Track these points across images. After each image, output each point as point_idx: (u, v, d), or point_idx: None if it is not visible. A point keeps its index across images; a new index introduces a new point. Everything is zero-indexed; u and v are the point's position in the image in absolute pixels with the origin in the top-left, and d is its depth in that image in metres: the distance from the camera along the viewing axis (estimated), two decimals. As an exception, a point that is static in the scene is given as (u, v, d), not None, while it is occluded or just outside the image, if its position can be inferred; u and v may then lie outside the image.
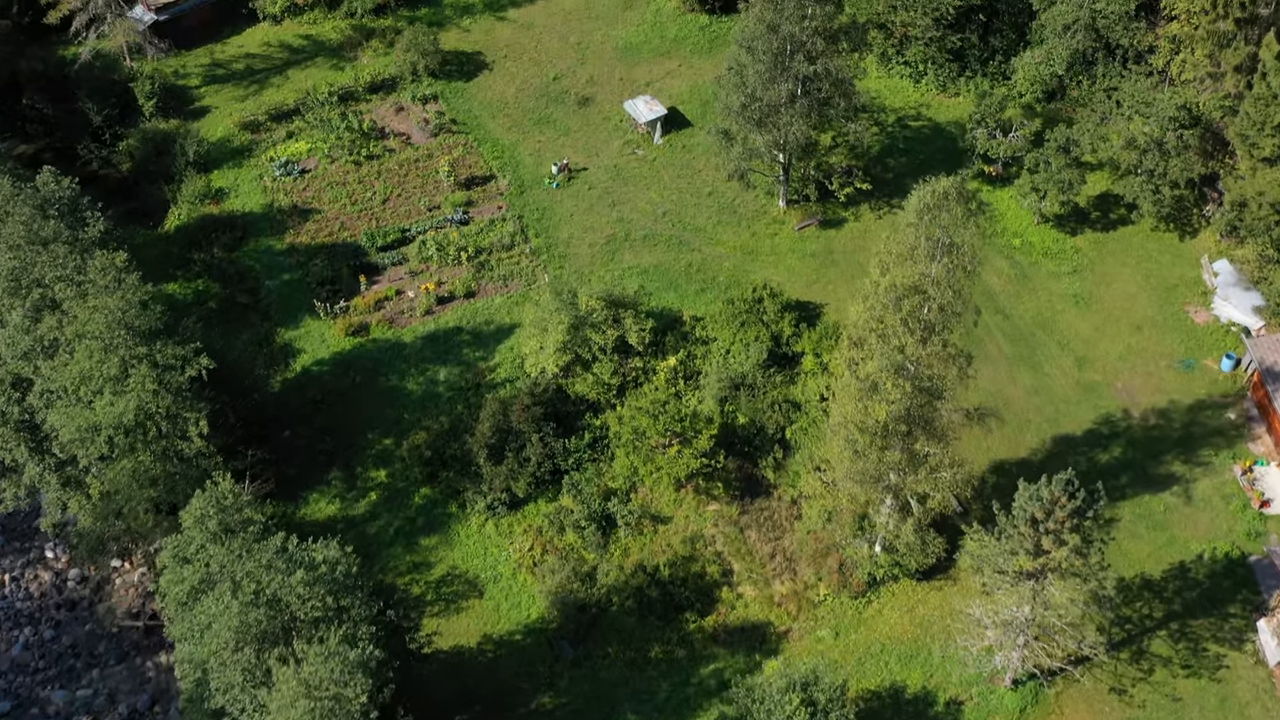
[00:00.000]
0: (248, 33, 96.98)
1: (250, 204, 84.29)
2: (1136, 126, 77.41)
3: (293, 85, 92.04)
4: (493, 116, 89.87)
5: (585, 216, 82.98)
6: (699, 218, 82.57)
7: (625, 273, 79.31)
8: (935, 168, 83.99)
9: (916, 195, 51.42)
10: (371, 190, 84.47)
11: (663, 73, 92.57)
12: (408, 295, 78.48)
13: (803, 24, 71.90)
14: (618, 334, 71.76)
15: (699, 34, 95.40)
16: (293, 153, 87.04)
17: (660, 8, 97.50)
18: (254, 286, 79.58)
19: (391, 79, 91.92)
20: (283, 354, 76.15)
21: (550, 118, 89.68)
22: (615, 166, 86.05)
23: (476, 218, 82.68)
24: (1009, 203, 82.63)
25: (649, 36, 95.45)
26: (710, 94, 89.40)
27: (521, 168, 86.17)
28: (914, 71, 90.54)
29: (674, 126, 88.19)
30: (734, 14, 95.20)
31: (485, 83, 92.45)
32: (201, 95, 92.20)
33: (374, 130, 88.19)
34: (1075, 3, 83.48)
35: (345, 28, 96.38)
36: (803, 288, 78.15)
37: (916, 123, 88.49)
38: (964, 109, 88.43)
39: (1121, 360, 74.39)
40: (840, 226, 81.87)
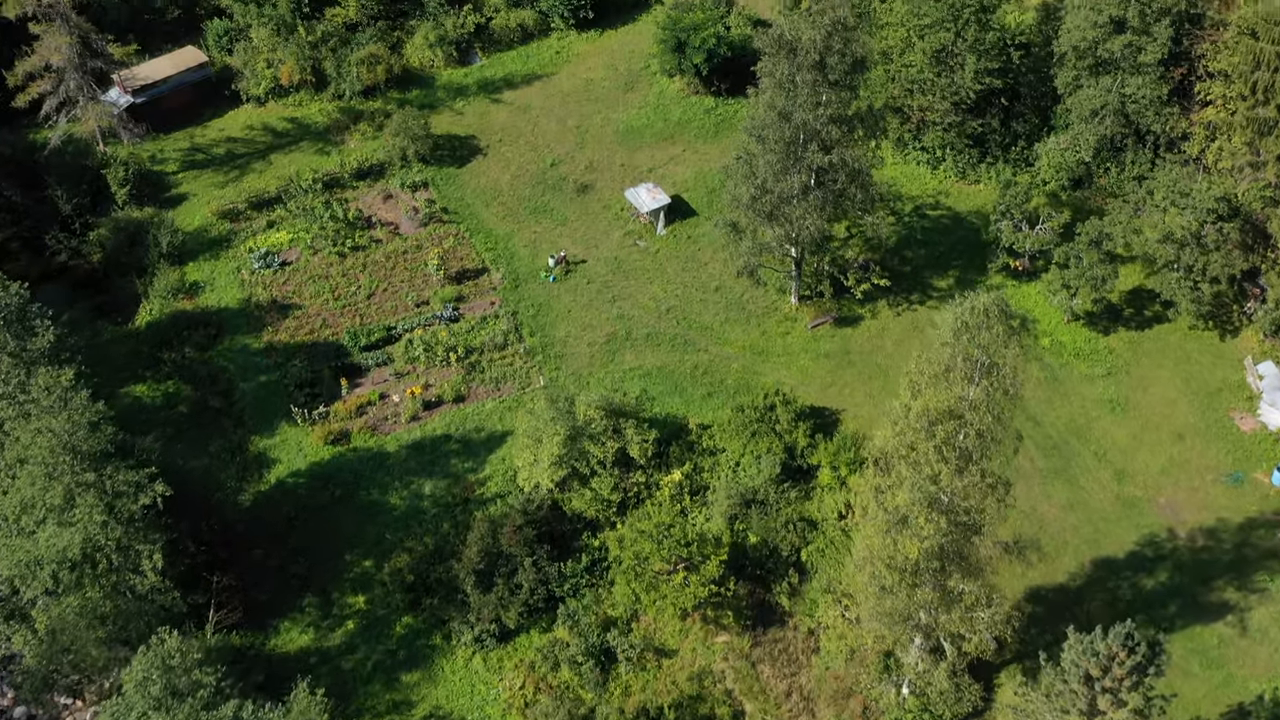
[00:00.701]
0: (230, 115, 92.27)
1: (226, 299, 78.97)
2: (1173, 219, 72.29)
3: (275, 171, 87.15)
4: (486, 205, 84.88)
5: (584, 313, 77.64)
6: (705, 315, 77.24)
7: (626, 375, 73.83)
8: (956, 260, 79.19)
9: (953, 313, 45.99)
10: (356, 284, 79.21)
11: (666, 158, 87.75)
12: (392, 400, 72.92)
13: (817, 111, 67.03)
14: (618, 446, 66.12)
15: (704, 117, 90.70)
16: (273, 243, 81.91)
17: (663, 90, 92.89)
18: (227, 389, 74.07)
19: (380, 165, 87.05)
20: (256, 464, 70.42)
21: (547, 206, 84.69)
22: (616, 259, 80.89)
23: (467, 314, 77.37)
24: (1036, 299, 77.35)
25: (651, 120, 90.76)
26: (717, 182, 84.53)
27: (516, 260, 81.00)
28: (931, 157, 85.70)
29: (678, 216, 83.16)
30: (741, 97, 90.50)
31: (479, 169, 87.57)
32: (179, 181, 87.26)
33: (360, 219, 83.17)
34: (1103, 87, 78.71)
35: (332, 110, 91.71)
36: (817, 392, 72.60)
37: (935, 212, 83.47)
38: (985, 197, 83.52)
39: (1164, 473, 68.68)
40: (856, 324, 76.51)
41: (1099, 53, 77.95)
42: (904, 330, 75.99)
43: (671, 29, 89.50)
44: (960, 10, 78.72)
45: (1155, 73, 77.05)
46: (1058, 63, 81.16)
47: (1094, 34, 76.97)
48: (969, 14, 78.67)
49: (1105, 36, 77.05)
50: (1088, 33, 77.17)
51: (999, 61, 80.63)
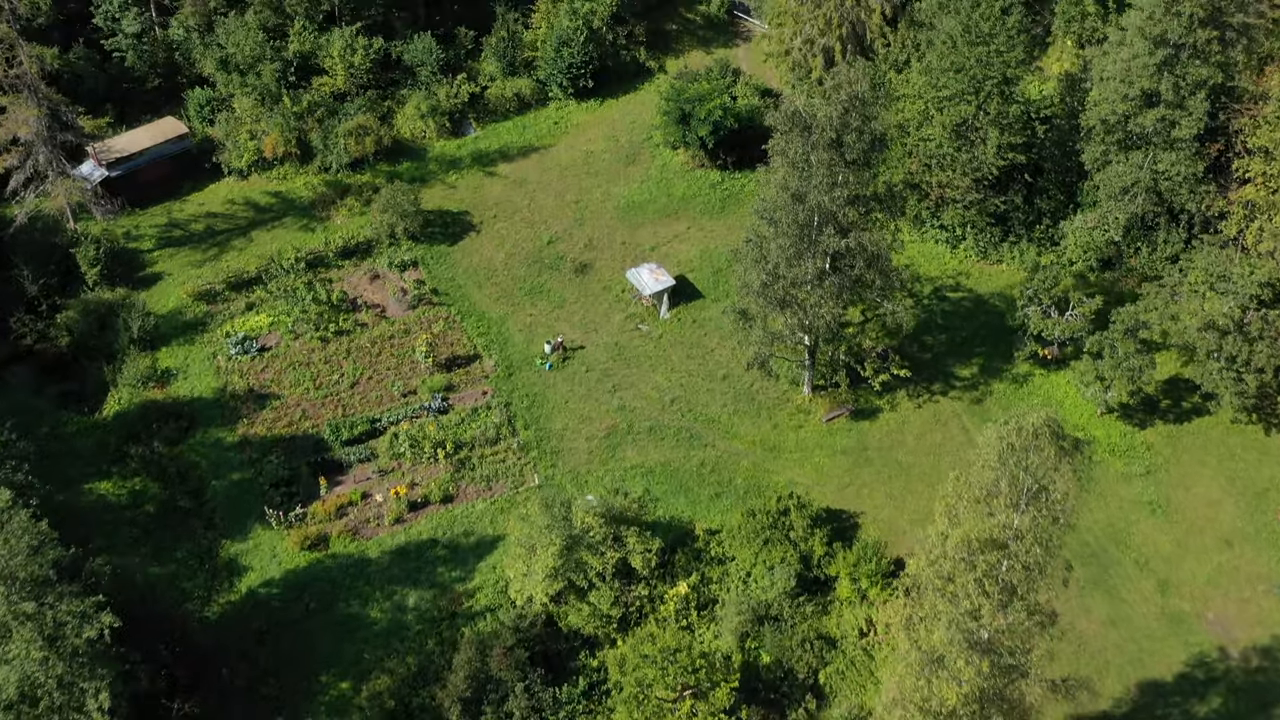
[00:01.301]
0: (211, 189, 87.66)
1: (200, 387, 73.80)
2: (1213, 305, 67.28)
3: (256, 249, 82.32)
4: (479, 286, 79.93)
5: (582, 404, 72.44)
6: (712, 406, 72.02)
7: (628, 473, 68.51)
8: (980, 347, 74.24)
9: (997, 433, 40.75)
10: (339, 372, 74.11)
11: (669, 235, 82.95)
12: (375, 500, 67.54)
13: (833, 193, 62.19)
14: (619, 556, 60.66)
15: (709, 192, 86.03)
16: (252, 327, 76.89)
17: (666, 163, 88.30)
18: (198, 488, 68.77)
19: (367, 242, 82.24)
20: (226, 572, 64.98)
21: (544, 287, 79.76)
22: (616, 344, 75.82)
23: (457, 405, 72.17)
24: (1067, 389, 72.22)
25: (654, 195, 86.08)
26: (723, 261, 79.69)
27: (510, 346, 75.93)
28: (951, 236, 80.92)
29: (682, 298, 78.20)
30: (748, 170, 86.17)
31: (472, 246, 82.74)
32: (154, 260, 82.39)
33: (344, 301, 78.19)
34: (1134, 163, 74.08)
35: (318, 184, 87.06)
36: (834, 492, 67.25)
37: (956, 294, 78.54)
38: (1007, 278, 78.69)
39: (1211, 584, 63.22)
40: (874, 417, 71.29)
41: (1129, 127, 73.47)
42: (925, 424, 70.79)
43: (675, 100, 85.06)
44: (982, 82, 74.21)
45: (1190, 149, 72.45)
46: (1085, 137, 76.61)
47: (1124, 107, 72.51)
48: (991, 86, 74.17)
49: (1136, 110, 72.58)
50: (1117, 106, 72.71)
51: (1023, 136, 76.06)
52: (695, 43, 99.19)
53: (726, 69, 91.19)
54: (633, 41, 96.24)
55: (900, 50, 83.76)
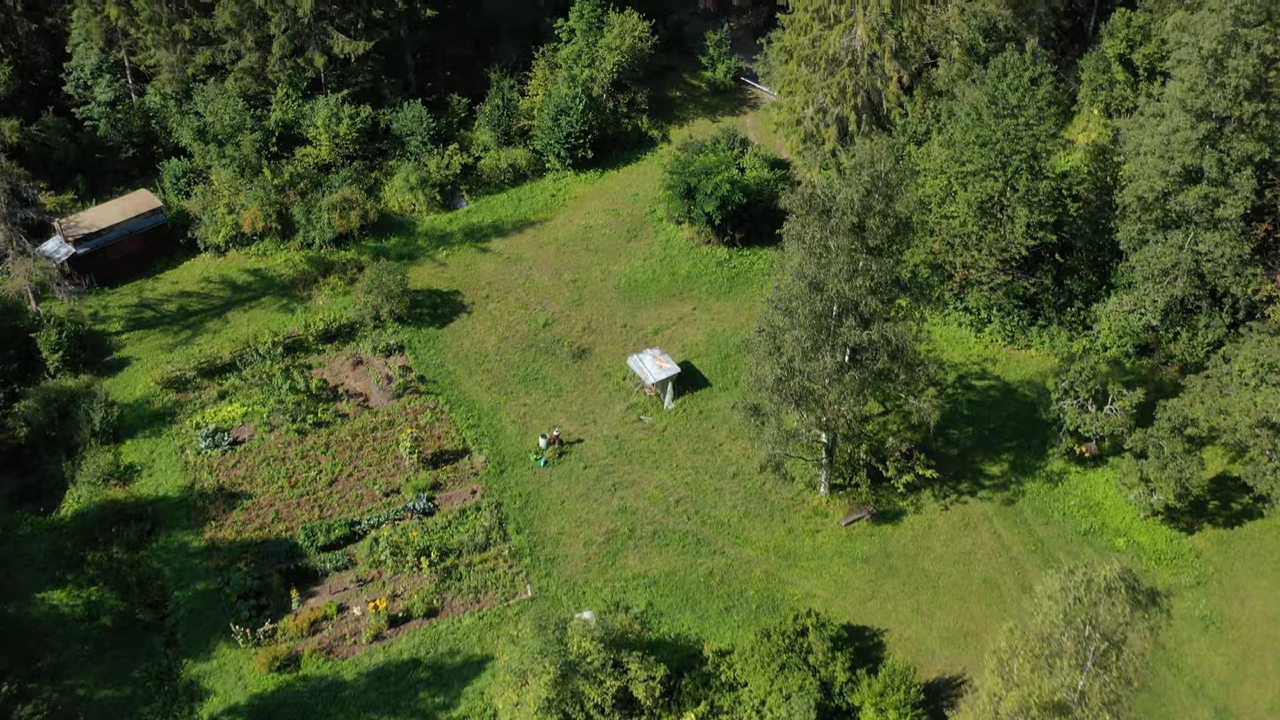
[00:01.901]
0: (185, 266, 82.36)
1: (166, 485, 68.04)
2: (1266, 400, 61.65)
3: (232, 332, 76.86)
4: (469, 373, 74.36)
5: (579, 504, 66.64)
6: (721, 507, 66.22)
7: (629, 584, 62.59)
8: (1009, 441, 68.61)
9: (1062, 583, 34.92)
10: (316, 469, 68.39)
11: (674, 317, 77.51)
12: (352, 613, 61.57)
13: (854, 282, 56.75)
14: (619, 684, 54.58)
15: (716, 270, 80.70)
16: (224, 418, 71.23)
17: (669, 239, 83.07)
18: (159, 599, 62.87)
19: (350, 325, 76.79)
20: (186, 695, 58.94)
21: (539, 374, 74.19)
22: (617, 438, 70.13)
23: (444, 505, 66.39)
24: (1106, 489, 66.47)
25: (657, 273, 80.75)
26: (731, 345, 74.32)
27: (502, 439, 70.23)
28: (976, 319, 75.50)
29: (688, 386, 72.62)
30: (756, 247, 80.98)
31: (462, 329, 77.28)
32: (123, 343, 76.89)
33: (324, 390, 72.61)
34: (1174, 243, 68.81)
35: (299, 261, 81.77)
36: (855, 606, 61.31)
37: (982, 382, 72.97)
38: (1037, 365, 73.23)
39: (1273, 712, 57.15)
40: (897, 521, 65.46)
41: (1169, 205, 68.28)
42: (953, 528, 64.98)
43: (680, 173, 79.94)
44: (1009, 157, 69.07)
45: (1236, 228, 67.27)
46: (1120, 215, 71.42)
47: (1163, 184, 67.43)
48: (1019, 161, 69.02)
49: (1177, 188, 67.47)
50: (1156, 183, 67.61)
51: (1054, 214, 70.80)
52: (700, 110, 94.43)
53: (734, 139, 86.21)
54: (634, 109, 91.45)
55: (919, 121, 78.75)
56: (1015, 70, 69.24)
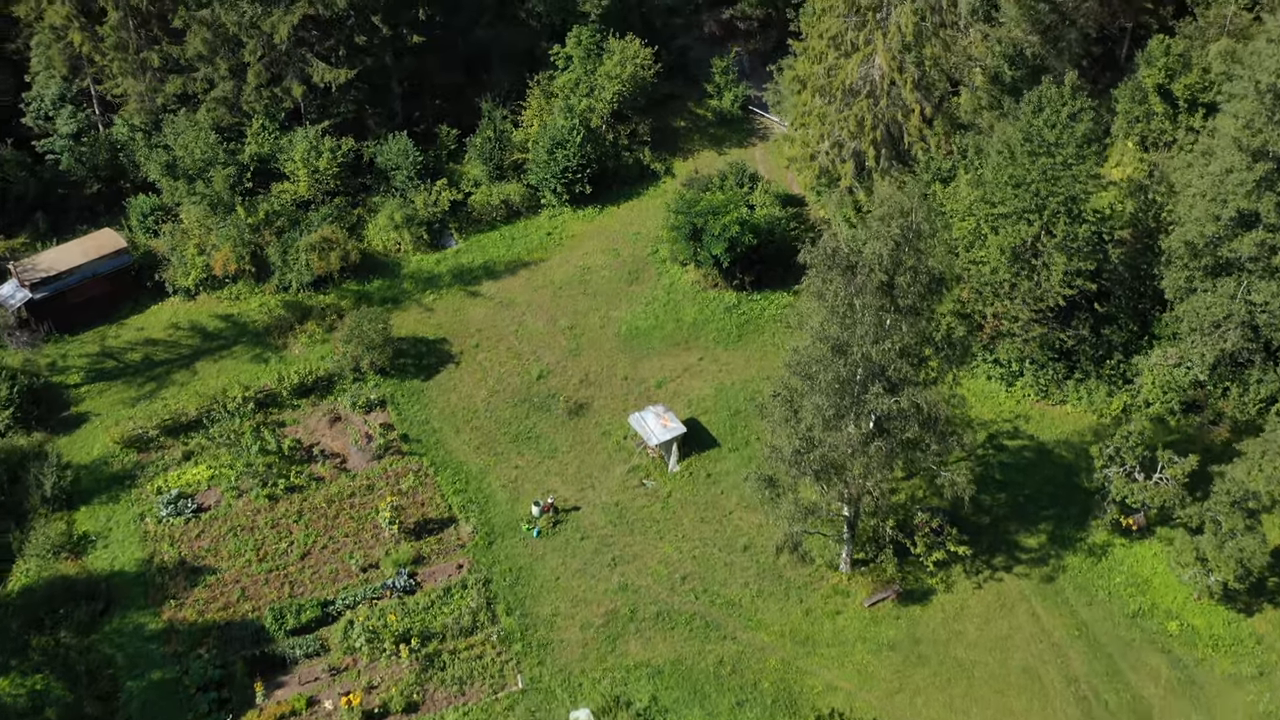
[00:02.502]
0: (153, 311, 76.55)
1: (122, 558, 62.08)
2: (1333, 469, 55.71)
3: (200, 384, 70.98)
4: (456, 431, 68.40)
5: (576, 581, 60.63)
6: (731, 585, 60.21)
7: (631, 674, 56.54)
8: (1046, 509, 62.91)
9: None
10: (288, 540, 62.45)
11: (679, 368, 71.58)
12: (324, 707, 55.58)
13: (882, 344, 50.82)
14: (620, 799, 48.51)
15: (724, 317, 74.80)
16: (189, 482, 65.33)
17: (674, 282, 77.21)
18: (110, 690, 56.88)
19: (328, 377, 70.89)
20: (137, 804, 52.74)
21: (532, 432, 68.24)
22: (617, 504, 64.17)
23: (427, 582, 60.39)
24: (1155, 565, 60.50)
25: (660, 320, 74.85)
26: (741, 400, 68.55)
27: (491, 506, 64.28)
28: (1007, 372, 69.59)
29: (694, 447, 66.70)
30: (768, 291, 75.22)
31: (449, 382, 71.35)
32: (81, 397, 71.00)
33: (298, 450, 66.69)
34: (1225, 292, 62.93)
35: (274, 306, 75.89)
36: (881, 700, 55.28)
37: (1014, 441, 67.04)
38: (1074, 422, 67.37)
39: (1353, 825, 51.02)
40: (926, 601, 59.45)
41: (1220, 251, 62.42)
42: (988, 608, 59.00)
43: (685, 213, 74.08)
44: (1046, 199, 63.22)
45: (1294, 278, 61.44)
46: (1165, 261, 65.59)
47: (1214, 229, 61.59)
48: (1056, 203, 63.15)
49: (1230, 233, 61.61)
50: (1206, 227, 61.78)
51: (1093, 261, 64.90)
52: (706, 142, 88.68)
53: (742, 173, 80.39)
54: (636, 141, 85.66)
55: (944, 157, 72.94)
56: (1052, 105, 63.48)
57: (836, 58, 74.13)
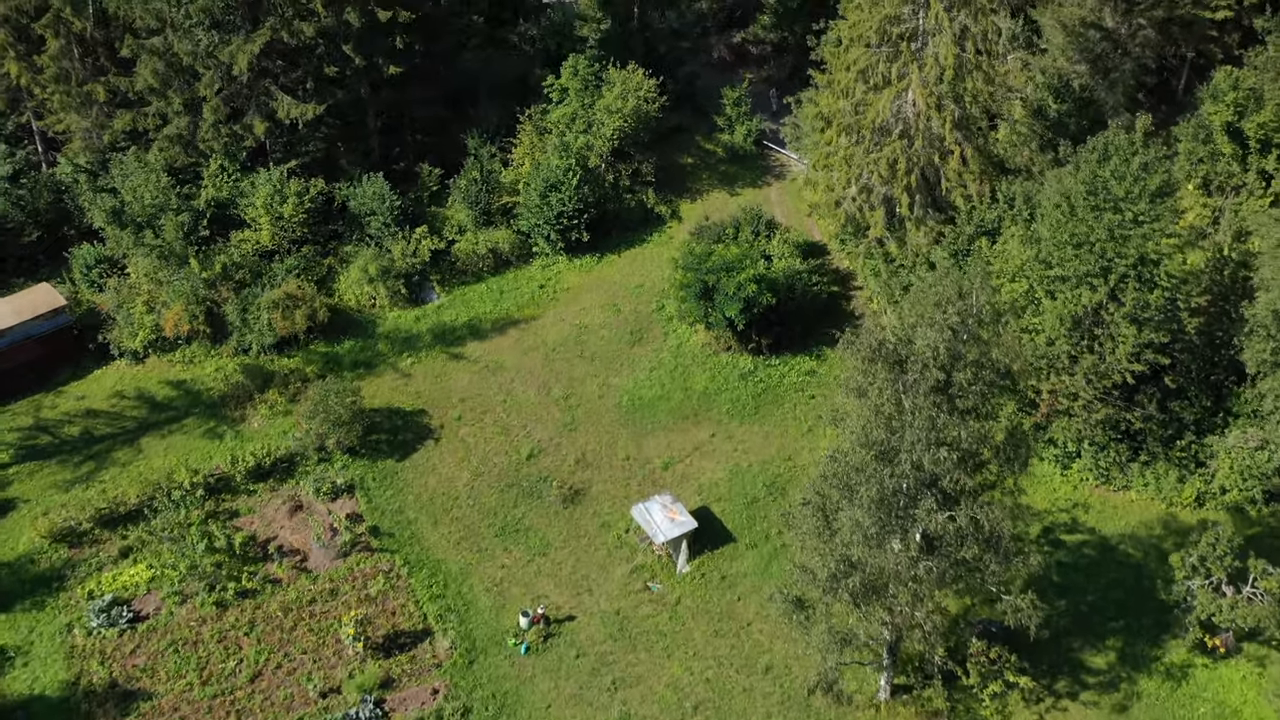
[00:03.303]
0: (95, 377, 68.14)
1: (44, 680, 53.52)
2: None
3: (144, 465, 62.51)
4: (435, 522, 59.86)
5: (570, 710, 52.02)
6: (752, 715, 51.61)
7: (634, 831, 47.86)
8: (1113, 620, 54.52)
9: None
10: (237, 657, 53.86)
11: (688, 447, 63.07)
12: None
13: (937, 452, 42.20)
14: None
15: (739, 385, 66.26)
16: (125, 584, 56.90)
17: (681, 343, 68.69)
18: None
19: (289, 457, 62.41)
20: None
21: (521, 524, 59.74)
22: (618, 613, 55.61)
23: (396, 711, 51.78)
24: (1244, 691, 51.90)
25: (667, 388, 66.31)
26: (759, 485, 60.18)
27: (473, 615, 55.72)
28: (1062, 454, 61.00)
29: (706, 543, 58.21)
30: (787, 355, 66.73)
31: (427, 462, 62.84)
32: (9, 479, 62.60)
33: (252, 546, 58.14)
34: (1318, 370, 54.44)
35: (233, 371, 67.40)
36: None
37: (1073, 536, 58.50)
38: (1140, 512, 58.95)
39: None
40: (980, 737, 50.77)
41: (1315, 323, 53.95)
42: (1054, 748, 50.31)
43: (695, 269, 65.52)
44: (1113, 261, 54.68)
45: (1403, 356, 52.85)
46: (1247, 332, 57.05)
47: (1310, 297, 53.07)
48: (1125, 266, 54.60)
49: (1328, 302, 53.08)
50: (1299, 295, 53.26)
51: (1167, 332, 56.29)
52: (716, 181, 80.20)
53: (757, 219, 71.90)
54: (639, 182, 77.16)
55: (987, 206, 64.46)
56: (1120, 153, 54.91)
57: (865, 92, 65.80)
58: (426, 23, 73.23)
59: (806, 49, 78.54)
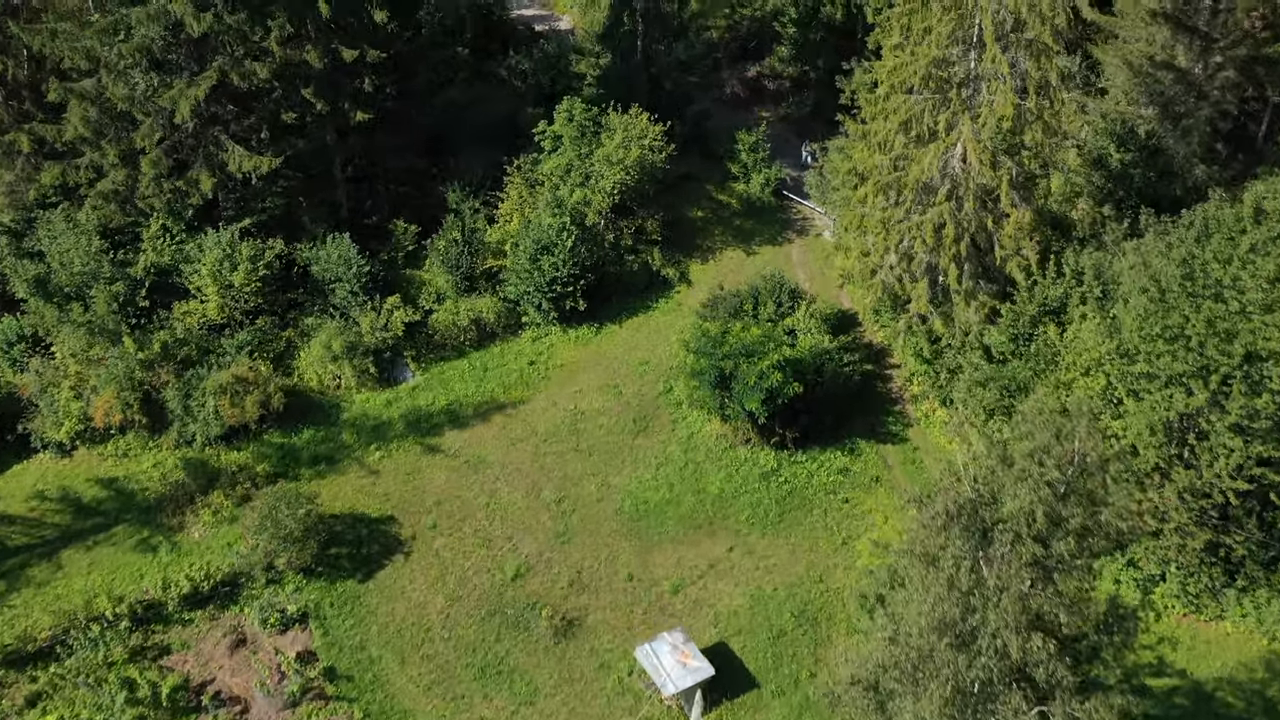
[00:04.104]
0: (14, 473, 59.01)
1: None
2: None
3: (63, 586, 53.24)
4: (402, 661, 50.46)
5: None
6: None
7: None
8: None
9: None
10: (157, 841, 44.26)
11: (702, 564, 53.75)
12: None
13: (1029, 639, 32.78)
14: None
15: (760, 487, 56.92)
16: (30, 742, 47.31)
17: (693, 434, 59.43)
18: None
19: (231, 577, 52.96)
20: None
21: (504, 663, 50.37)
22: (619, 783, 46.16)
23: None
24: None
25: (676, 490, 57.02)
26: (786, 614, 51.22)
27: (445, 784, 46.27)
28: (1144, 577, 51.56)
29: (724, 688, 48.89)
30: (815, 449, 57.39)
31: (395, 583, 53.48)
32: (-96, 602, 52.98)
33: (184, 692, 48.72)
34: None
35: (173, 467, 58.16)
36: None
37: (1160, 681, 49.13)
38: (1237, 649, 49.76)
39: None
40: None
41: None
42: None
43: (709, 354, 56.10)
44: (1215, 361, 45.33)
45: None
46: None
47: None
48: (1230, 367, 45.24)
49: None
50: None
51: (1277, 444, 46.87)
52: (730, 237, 70.96)
53: (779, 287, 62.61)
54: (643, 240, 67.92)
55: (1051, 281, 55.16)
56: (1224, 230, 45.60)
57: (907, 145, 56.47)
58: (401, 61, 64.02)
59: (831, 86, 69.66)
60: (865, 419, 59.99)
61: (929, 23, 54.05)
